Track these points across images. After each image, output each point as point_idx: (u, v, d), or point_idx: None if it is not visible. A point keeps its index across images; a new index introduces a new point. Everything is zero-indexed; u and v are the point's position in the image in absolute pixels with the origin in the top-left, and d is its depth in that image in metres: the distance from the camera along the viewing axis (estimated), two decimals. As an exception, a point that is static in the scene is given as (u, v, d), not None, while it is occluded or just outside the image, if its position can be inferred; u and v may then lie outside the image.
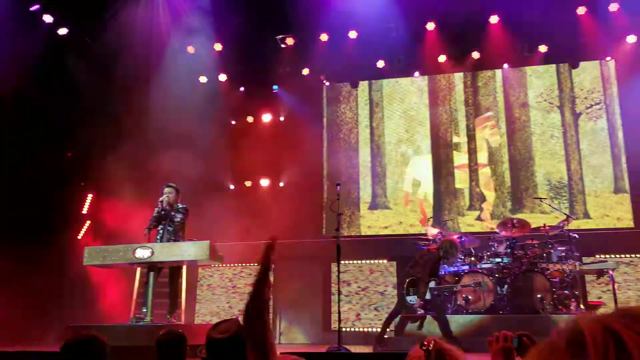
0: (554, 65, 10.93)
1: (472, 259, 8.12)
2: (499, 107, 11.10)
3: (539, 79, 11.01)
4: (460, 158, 11.07)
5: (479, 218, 10.63)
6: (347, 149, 11.68)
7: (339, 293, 6.34)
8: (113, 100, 10.66)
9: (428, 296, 7.27)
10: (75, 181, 10.63)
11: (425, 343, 1.90)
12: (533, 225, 8.25)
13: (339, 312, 6.23)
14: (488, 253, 8.10)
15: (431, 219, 9.98)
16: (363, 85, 11.90)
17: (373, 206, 11.24)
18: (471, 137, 11.11)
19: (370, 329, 9.86)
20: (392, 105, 11.67)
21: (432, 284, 7.33)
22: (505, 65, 11.04)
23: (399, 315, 7.66)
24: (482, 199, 10.75)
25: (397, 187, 11.22)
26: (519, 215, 9.62)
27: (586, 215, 10.17)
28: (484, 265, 7.99)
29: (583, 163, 10.43)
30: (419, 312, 7.91)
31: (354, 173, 11.47)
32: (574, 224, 8.20)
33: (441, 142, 11.24)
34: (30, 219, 9.02)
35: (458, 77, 11.38)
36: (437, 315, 7.29)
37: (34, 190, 9.42)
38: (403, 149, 11.41)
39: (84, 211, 10.65)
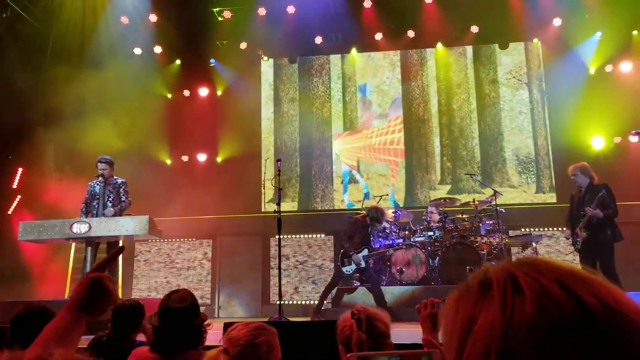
0: (522, 43, 11.24)
1: (407, 232, 8.47)
2: (470, 83, 11.40)
3: (508, 56, 11.32)
4: (432, 133, 11.27)
5: (450, 192, 10.79)
6: (319, 122, 11.67)
7: (280, 267, 6.47)
8: (44, 72, 10.21)
9: (362, 264, 7.57)
10: (2, 154, 10.14)
11: (356, 312, 2.03)
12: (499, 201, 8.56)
13: (280, 285, 6.39)
14: (421, 227, 8.48)
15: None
16: (335, 58, 11.85)
17: (350, 180, 11.33)
18: (442, 113, 11.33)
19: (308, 302, 10.12)
20: (364, 79, 11.70)
21: (365, 252, 7.63)
22: (439, 45, 11.38)
23: (336, 287, 7.93)
24: (453, 173, 11.01)
25: (371, 162, 11.33)
26: (488, 190, 10.03)
27: (551, 189, 10.64)
28: (417, 239, 8.37)
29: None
30: (354, 284, 8.23)
31: (327, 147, 11.50)
32: (500, 199, 8.68)
33: (414, 116, 11.40)
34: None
35: (430, 53, 11.51)
36: (372, 287, 7.61)
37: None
38: (375, 124, 11.47)
39: (14, 185, 10.20)
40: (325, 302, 7.93)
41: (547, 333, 0.60)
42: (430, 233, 8.32)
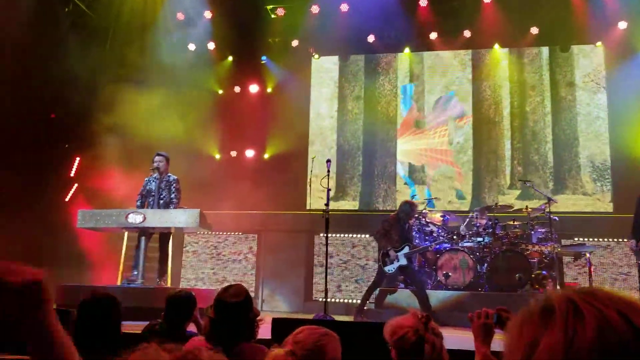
0: (601, 46, 10.71)
1: (455, 237, 8.35)
2: (545, 85, 10.95)
3: (586, 59, 10.85)
4: (502, 135, 10.92)
5: (519, 197, 10.37)
6: (385, 121, 11.47)
7: (326, 265, 6.49)
8: (102, 65, 10.55)
9: (403, 262, 7.48)
10: (60, 144, 10.53)
11: (421, 316, 2.00)
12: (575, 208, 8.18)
13: (326, 283, 6.40)
14: (470, 232, 8.34)
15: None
16: (404, 57, 11.60)
17: (411, 182, 11.14)
18: (515, 115, 10.99)
19: (350, 300, 10.11)
20: (433, 79, 11.46)
21: (405, 249, 7.54)
22: (496, 46, 11.12)
23: (379, 288, 7.89)
24: (524, 178, 10.40)
25: (438, 163, 11.07)
26: (560, 197, 9.75)
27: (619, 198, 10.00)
28: (465, 244, 8.23)
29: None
30: (399, 286, 8.17)
31: (391, 147, 11.35)
32: (555, 207, 8.43)
33: (484, 118, 11.10)
34: (18, 180, 8.94)
35: (503, 53, 11.15)
36: (417, 289, 7.53)
37: (20, 151, 9.34)
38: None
39: (71, 174, 10.59)
40: (367, 302, 7.90)
41: (605, 358, 0.65)
42: (480, 239, 8.17)
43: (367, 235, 10.43)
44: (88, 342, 2.45)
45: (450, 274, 7.97)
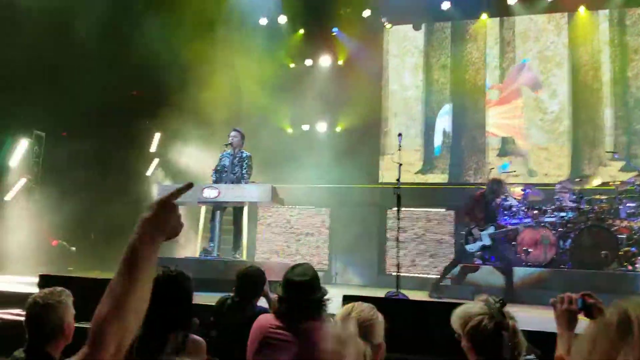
0: None
1: (536, 212, 7.97)
2: None
3: None
4: (601, 103, 10.17)
5: (623, 169, 9.58)
6: (473, 91, 11.02)
7: (398, 240, 6.38)
8: (179, 42, 10.77)
9: (487, 242, 7.23)
10: (141, 120, 10.94)
11: (492, 301, 1.87)
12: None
13: (398, 258, 6.31)
14: (552, 207, 7.93)
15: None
16: (494, 22, 11.00)
17: (502, 153, 10.67)
18: (616, 81, 10.16)
19: (425, 275, 9.98)
20: (525, 45, 10.80)
21: (490, 229, 7.27)
22: (582, 8, 10.35)
23: (459, 265, 7.67)
24: (628, 148, 9.84)
25: (529, 134, 10.49)
26: None
27: None
28: (547, 219, 7.85)
29: None
30: (476, 262, 7.93)
31: (480, 117, 10.89)
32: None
33: (581, 85, 10.38)
34: (102, 155, 9.41)
35: (602, 15, 10.32)
36: (504, 268, 7.25)
37: (108, 127, 9.79)
38: (537, 93, 10.60)
39: (152, 149, 11.01)
40: (445, 279, 7.73)
41: None
42: (563, 214, 7.75)
43: (444, 210, 10.20)
44: (159, 318, 2.52)
45: (530, 250, 7.65)
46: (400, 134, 6.79)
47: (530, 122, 10.49)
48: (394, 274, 8.99)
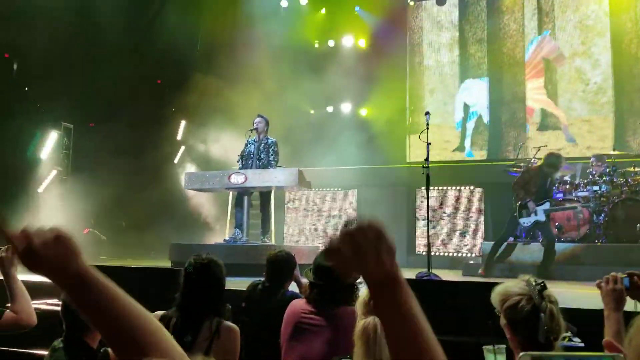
0: None
1: (567, 186, 7.79)
2: None
3: None
4: None
5: None
6: (512, 64, 10.75)
7: (428, 220, 6.30)
8: (201, 29, 10.81)
9: (541, 218, 7.02)
10: (167, 108, 11.02)
11: (534, 282, 1.82)
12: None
13: (428, 238, 6.22)
14: (585, 181, 7.74)
15: None
16: None
17: (542, 127, 10.34)
18: None
19: (455, 254, 9.90)
20: (564, 14, 10.41)
21: (546, 205, 7.06)
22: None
23: (505, 242, 7.48)
24: None
25: (571, 106, 10.15)
26: None
27: None
28: (579, 194, 7.67)
29: None
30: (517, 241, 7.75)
31: (519, 91, 10.58)
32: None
33: (624, 54, 9.93)
34: (129, 144, 9.52)
35: None
36: (547, 245, 7.08)
37: (130, 115, 9.88)
38: (578, 64, 10.21)
39: (179, 137, 11.10)
40: (495, 257, 7.50)
41: None
42: (596, 187, 7.56)
43: (472, 187, 10.07)
44: (194, 305, 2.54)
45: (563, 225, 7.50)
46: (427, 113, 6.63)
47: (572, 94, 10.15)
48: (424, 254, 8.96)
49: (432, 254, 6.90)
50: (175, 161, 11.04)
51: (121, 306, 0.89)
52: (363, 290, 2.07)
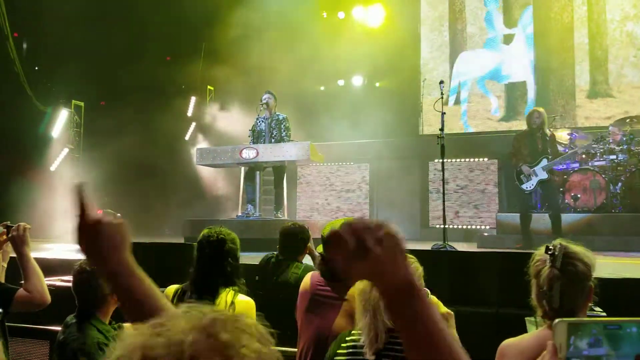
0: None
1: (584, 156, 7.66)
2: None
3: None
4: None
5: None
6: (559, 30, 10.20)
7: (443, 192, 6.23)
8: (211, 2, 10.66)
9: (543, 176, 6.85)
10: (176, 85, 10.95)
11: (552, 246, 1.80)
12: None
13: (444, 210, 6.16)
14: (601, 149, 7.60)
15: None
16: None
17: (592, 94, 9.99)
18: None
19: (469, 227, 9.83)
20: None
21: (543, 162, 6.89)
22: None
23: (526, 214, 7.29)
24: None
25: (622, 72, 9.76)
26: None
27: None
28: (596, 163, 7.55)
29: None
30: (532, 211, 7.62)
31: (568, 57, 10.08)
32: None
33: None
34: (140, 121, 9.49)
35: None
36: (551, 213, 6.96)
37: (140, 93, 9.83)
38: (630, 28, 9.77)
39: (189, 113, 11.05)
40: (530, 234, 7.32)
41: None
42: (613, 156, 7.42)
43: (486, 159, 9.96)
44: (208, 277, 2.51)
45: (579, 195, 7.39)
46: (442, 82, 6.47)
47: (623, 60, 9.76)
48: (438, 226, 8.90)
49: (448, 226, 6.82)
50: (186, 138, 11.01)
51: (143, 288, 1.06)
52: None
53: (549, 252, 1.79)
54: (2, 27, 8.53)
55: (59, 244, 7.71)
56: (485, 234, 8.56)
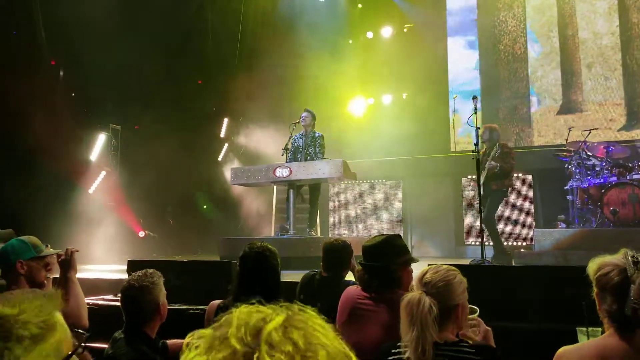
0: None
1: (621, 169, 7.50)
2: None
3: None
4: None
5: None
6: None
7: (480, 207, 6.17)
8: (242, 31, 10.90)
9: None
10: (209, 107, 11.16)
11: (632, 255, 1.76)
12: None
13: (481, 226, 6.11)
14: (639, 163, 7.43)
15: None
16: None
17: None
18: None
19: (505, 243, 9.66)
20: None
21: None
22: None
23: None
24: None
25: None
26: None
27: None
28: (634, 176, 7.37)
29: None
30: (560, 225, 7.57)
31: (521, 87, 10.41)
32: None
33: None
34: (175, 144, 9.65)
35: None
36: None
37: (174, 116, 10.04)
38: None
39: (222, 134, 11.23)
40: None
41: None
42: (652, 169, 7.25)
43: (520, 175, 9.84)
44: (251, 291, 2.54)
45: (618, 210, 7.22)
46: (475, 97, 6.43)
47: None
48: (473, 244, 8.80)
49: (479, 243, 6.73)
50: (220, 158, 11.17)
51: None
52: (420, 270, 2.05)
53: (629, 259, 1.74)
54: (43, 54, 8.84)
55: (98, 264, 7.88)
56: (523, 250, 8.42)
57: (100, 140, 10.04)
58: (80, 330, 2.49)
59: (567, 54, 10.47)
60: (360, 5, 11.86)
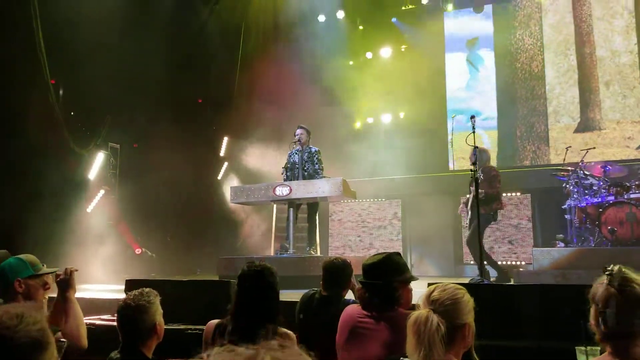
0: None
1: (618, 189, 7.52)
2: None
3: None
4: None
5: None
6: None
7: (479, 229, 6.16)
8: (241, 49, 11.00)
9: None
10: (208, 126, 11.21)
11: (609, 267, 1.79)
12: None
13: (481, 247, 6.09)
14: (637, 182, 7.46)
15: None
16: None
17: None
18: None
19: (504, 262, 9.65)
20: None
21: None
22: None
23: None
24: None
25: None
26: None
27: None
28: (632, 195, 7.39)
29: None
30: (558, 244, 7.59)
31: (539, 105, 10.56)
32: None
33: None
34: (173, 162, 9.67)
35: None
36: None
37: (173, 135, 10.06)
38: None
39: (221, 153, 11.26)
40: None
41: None
42: (650, 189, 7.27)
43: (518, 194, 9.85)
44: (249, 311, 2.53)
45: (616, 229, 7.22)
46: (473, 116, 6.45)
47: None
48: (472, 263, 8.77)
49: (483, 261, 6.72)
50: (219, 177, 11.18)
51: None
52: (426, 290, 2.04)
53: (607, 273, 1.77)
54: (43, 74, 8.88)
55: (96, 284, 7.83)
56: (521, 269, 8.41)
57: (99, 158, 10.05)
58: (62, 340, 2.49)
59: (584, 72, 10.51)
60: (361, 27, 12.01)
